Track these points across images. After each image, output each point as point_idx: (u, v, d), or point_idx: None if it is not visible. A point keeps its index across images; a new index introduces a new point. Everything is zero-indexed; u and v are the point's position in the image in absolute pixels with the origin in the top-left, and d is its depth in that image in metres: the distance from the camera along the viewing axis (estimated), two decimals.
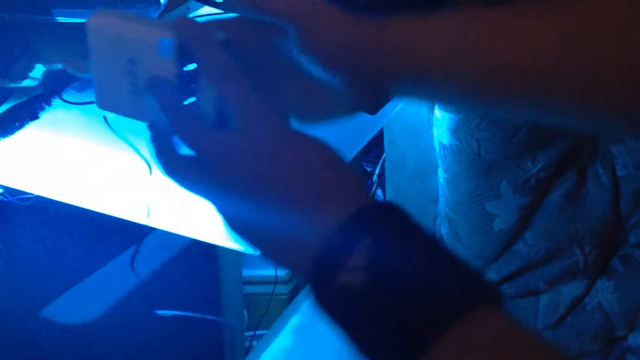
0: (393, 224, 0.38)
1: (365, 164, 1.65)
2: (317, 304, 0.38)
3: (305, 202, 0.39)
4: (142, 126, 0.49)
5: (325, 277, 0.37)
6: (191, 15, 0.70)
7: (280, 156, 0.41)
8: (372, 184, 1.41)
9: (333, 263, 0.36)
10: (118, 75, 0.48)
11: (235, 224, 0.44)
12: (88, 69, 0.60)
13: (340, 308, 0.37)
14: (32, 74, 0.62)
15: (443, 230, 0.99)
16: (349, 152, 0.80)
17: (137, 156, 0.63)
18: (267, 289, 1.43)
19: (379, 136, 1.07)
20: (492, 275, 1.08)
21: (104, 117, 0.64)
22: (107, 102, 0.50)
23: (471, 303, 0.35)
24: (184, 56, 0.46)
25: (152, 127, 0.47)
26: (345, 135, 0.59)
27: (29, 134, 0.64)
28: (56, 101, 0.65)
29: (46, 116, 0.64)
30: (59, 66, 0.64)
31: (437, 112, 0.96)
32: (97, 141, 0.67)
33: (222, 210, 0.44)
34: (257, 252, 0.44)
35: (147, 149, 0.47)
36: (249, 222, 0.43)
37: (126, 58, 0.47)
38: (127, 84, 0.48)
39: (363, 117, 0.68)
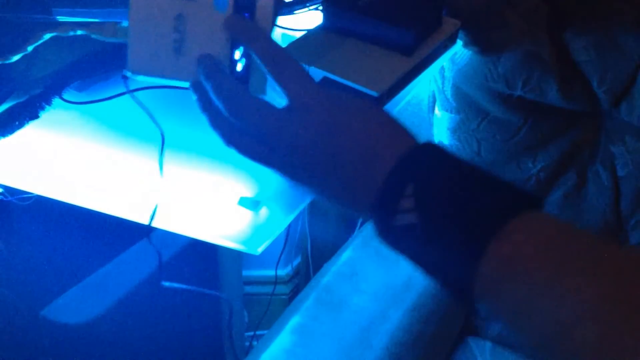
0: (435, 160, 0.43)
1: None
2: (380, 240, 0.44)
3: (364, 154, 0.44)
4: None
5: (384, 218, 0.42)
6: None
7: (339, 123, 0.46)
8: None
9: (389, 205, 0.42)
10: (161, 34, 0.46)
11: (298, 183, 0.48)
12: (115, 32, 0.59)
13: (400, 241, 0.42)
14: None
15: None
16: None
17: (150, 151, 0.63)
18: (267, 289, 1.43)
19: None
20: None
21: (126, 84, 0.62)
22: (142, 65, 0.48)
23: (516, 209, 0.39)
24: (239, 10, 0.46)
25: (196, 88, 0.48)
26: None
27: (28, 133, 0.64)
28: (56, 100, 0.65)
29: (46, 115, 0.64)
30: (79, 32, 0.62)
31: (438, 112, 0.96)
32: (97, 140, 0.67)
33: (286, 174, 0.48)
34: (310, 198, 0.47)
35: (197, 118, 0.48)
36: (313, 182, 0.47)
37: (174, 14, 0.46)
38: (169, 43, 0.47)
39: None
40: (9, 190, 0.69)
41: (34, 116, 0.63)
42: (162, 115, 0.69)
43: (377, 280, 1.06)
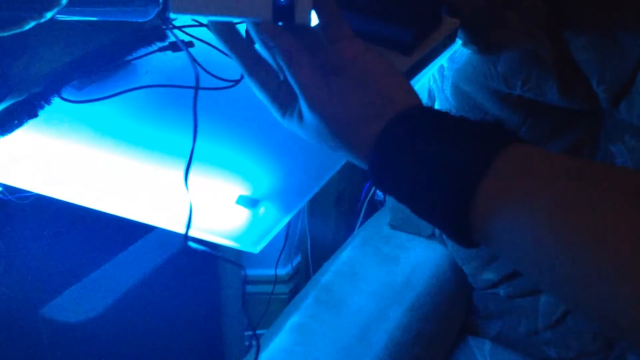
0: (428, 113, 0.47)
1: None
2: (375, 185, 0.48)
3: (372, 99, 0.48)
4: None
5: (376, 173, 0.47)
6: None
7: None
8: (373, 184, 1.41)
9: (382, 162, 0.46)
10: None
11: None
12: None
13: (390, 187, 0.46)
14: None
15: None
16: None
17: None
18: (267, 288, 1.43)
19: None
20: (491, 275, 1.08)
21: (169, 29, 0.60)
22: (184, 4, 0.47)
23: (503, 141, 0.41)
24: None
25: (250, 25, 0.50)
26: None
27: (27, 132, 0.64)
28: (55, 99, 0.65)
29: (45, 114, 0.64)
30: None
31: None
32: (97, 139, 0.67)
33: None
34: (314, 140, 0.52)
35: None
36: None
37: None
38: None
39: None
40: (8, 188, 0.69)
41: (33, 115, 0.63)
42: (160, 115, 0.69)
43: (376, 279, 1.06)
